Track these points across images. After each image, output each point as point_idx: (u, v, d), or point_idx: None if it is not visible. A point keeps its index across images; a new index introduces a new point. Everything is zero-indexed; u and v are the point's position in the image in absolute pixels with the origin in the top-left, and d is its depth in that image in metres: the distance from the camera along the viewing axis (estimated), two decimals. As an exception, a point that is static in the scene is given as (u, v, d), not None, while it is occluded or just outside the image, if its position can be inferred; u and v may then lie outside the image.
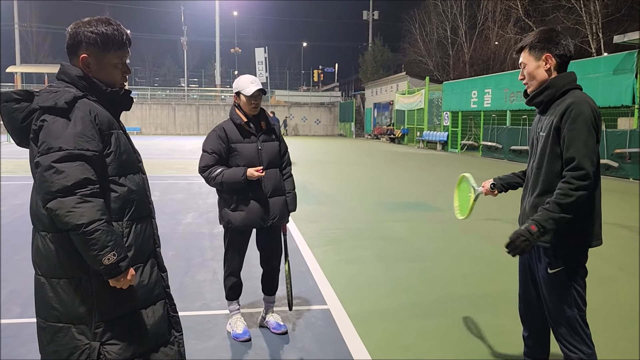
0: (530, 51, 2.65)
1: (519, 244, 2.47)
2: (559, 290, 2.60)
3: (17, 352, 3.51)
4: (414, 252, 6.47)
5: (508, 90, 21.95)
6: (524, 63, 2.69)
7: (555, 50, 2.61)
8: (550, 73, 2.63)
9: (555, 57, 2.61)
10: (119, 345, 2.07)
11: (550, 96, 2.62)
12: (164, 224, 7.53)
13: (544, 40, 2.62)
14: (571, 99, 2.52)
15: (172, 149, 26.01)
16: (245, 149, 3.70)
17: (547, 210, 2.46)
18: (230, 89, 47.75)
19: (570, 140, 2.46)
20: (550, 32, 2.67)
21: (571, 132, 2.46)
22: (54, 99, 1.97)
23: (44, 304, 2.08)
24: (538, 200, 2.61)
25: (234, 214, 3.71)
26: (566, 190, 2.43)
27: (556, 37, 2.64)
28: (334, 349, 3.68)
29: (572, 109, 2.47)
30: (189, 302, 4.51)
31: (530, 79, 2.68)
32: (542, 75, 2.64)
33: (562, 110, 2.50)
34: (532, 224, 2.46)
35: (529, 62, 2.67)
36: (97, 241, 1.89)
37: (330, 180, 13.87)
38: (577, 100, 2.49)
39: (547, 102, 2.63)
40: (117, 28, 2.13)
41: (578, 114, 2.46)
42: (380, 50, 52.11)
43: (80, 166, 1.91)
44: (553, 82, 2.61)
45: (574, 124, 2.46)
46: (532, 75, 2.67)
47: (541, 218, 2.45)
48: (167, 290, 2.35)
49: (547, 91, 2.62)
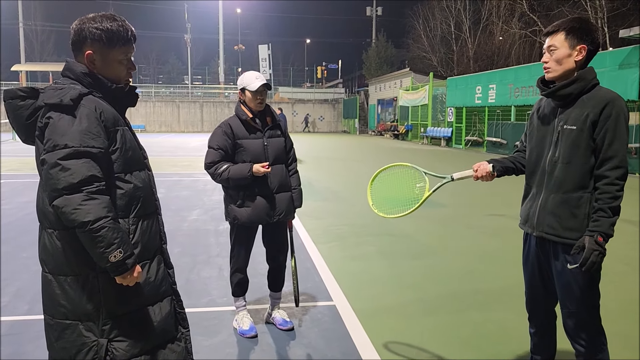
0: (567, 36, 2.52)
1: (595, 259, 2.40)
2: (577, 286, 2.56)
3: (24, 349, 3.53)
4: (419, 248, 6.46)
5: (513, 86, 21.87)
6: (555, 47, 2.55)
7: (590, 44, 2.53)
8: (577, 65, 2.54)
9: (588, 51, 2.53)
10: (127, 342, 2.07)
11: (580, 89, 2.53)
12: (169, 221, 7.55)
13: (583, 29, 2.52)
14: (607, 94, 2.48)
15: (177, 147, 26.05)
16: (251, 145, 3.69)
17: (604, 218, 2.42)
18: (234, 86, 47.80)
19: (613, 137, 2.43)
20: (589, 22, 2.59)
21: (614, 129, 2.42)
22: (59, 96, 1.96)
23: (51, 301, 2.08)
24: (569, 197, 2.54)
25: (240, 210, 3.71)
26: (614, 192, 2.42)
27: (595, 30, 2.57)
28: (341, 345, 3.68)
29: (614, 106, 2.43)
30: (195, 299, 4.52)
31: (556, 65, 2.56)
32: (570, 65, 2.54)
33: (602, 106, 2.44)
34: (598, 236, 2.41)
35: (561, 47, 2.53)
36: (103, 238, 1.89)
37: (335, 177, 13.87)
38: (616, 97, 2.46)
39: (577, 95, 2.55)
40: (122, 24, 2.12)
41: (620, 111, 2.43)
42: (384, 46, 51.97)
43: (86, 163, 1.91)
44: (583, 76, 2.53)
45: (616, 121, 2.42)
46: (560, 62, 2.55)
47: (603, 227, 2.42)
48: (174, 286, 2.35)
49: (577, 84, 2.53)
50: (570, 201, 2.53)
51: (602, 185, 2.45)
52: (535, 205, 2.71)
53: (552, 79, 2.61)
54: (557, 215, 2.58)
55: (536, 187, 2.72)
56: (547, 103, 2.73)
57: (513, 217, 8.01)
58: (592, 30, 2.54)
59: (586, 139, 2.49)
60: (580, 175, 2.51)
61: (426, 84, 31.49)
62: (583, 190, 2.51)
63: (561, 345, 2.94)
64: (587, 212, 2.50)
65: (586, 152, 2.50)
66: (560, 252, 2.60)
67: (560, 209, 2.57)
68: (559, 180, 2.58)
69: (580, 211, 2.52)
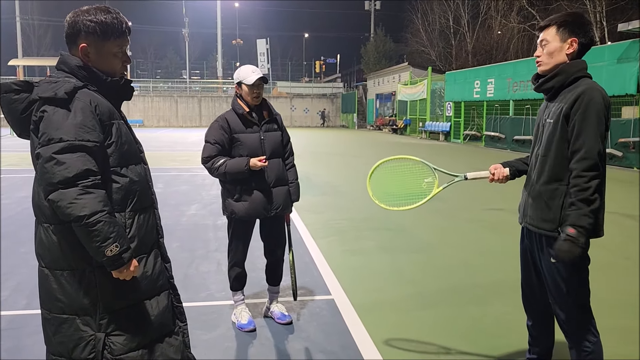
0: (558, 30, 2.56)
1: (565, 250, 2.41)
2: (563, 280, 2.58)
3: (23, 343, 3.53)
4: (418, 242, 6.46)
5: (511, 80, 21.85)
6: (547, 40, 2.59)
7: (582, 37, 2.55)
8: (569, 58, 2.56)
9: (580, 44, 2.55)
10: (124, 336, 2.07)
11: (561, 82, 2.56)
12: (168, 216, 7.55)
13: (575, 23, 2.55)
14: (582, 87, 2.48)
15: (175, 141, 26.01)
16: (248, 139, 3.68)
17: (575, 210, 2.42)
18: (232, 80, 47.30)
19: (580, 129, 2.43)
20: (581, 17, 2.61)
21: (581, 122, 2.43)
22: (53, 90, 1.95)
23: (48, 295, 2.08)
24: (544, 189, 2.58)
25: (237, 204, 3.71)
26: (581, 185, 2.41)
27: (587, 24, 2.59)
28: (339, 339, 3.68)
29: (584, 98, 2.43)
30: (193, 293, 4.52)
31: (548, 58, 2.59)
32: (561, 58, 2.57)
33: (574, 98, 2.46)
34: (568, 228, 2.42)
35: (552, 41, 2.57)
36: (99, 233, 1.89)
37: (334, 171, 13.86)
38: (589, 89, 2.45)
39: (557, 88, 2.58)
40: (117, 16, 2.11)
41: (589, 103, 2.42)
42: (383, 40, 51.86)
43: (81, 157, 1.90)
44: (564, 69, 2.55)
45: (585, 113, 2.42)
46: (551, 55, 2.58)
47: (574, 218, 2.42)
48: (171, 280, 2.35)
49: (558, 77, 2.56)
50: (546, 193, 2.57)
51: (572, 178, 2.47)
52: (523, 197, 2.78)
53: (543, 72, 2.64)
54: (534, 207, 2.64)
55: (527, 180, 2.79)
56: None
57: (512, 211, 8.00)
58: (584, 24, 2.57)
59: (559, 132, 2.51)
60: (555, 167, 2.54)
61: (425, 79, 31.45)
62: (558, 183, 2.53)
63: (559, 338, 2.94)
64: (561, 203, 2.52)
65: (560, 145, 2.52)
66: (544, 245, 2.63)
67: (537, 200, 2.62)
68: (539, 173, 2.63)
69: (554, 203, 2.54)
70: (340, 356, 3.43)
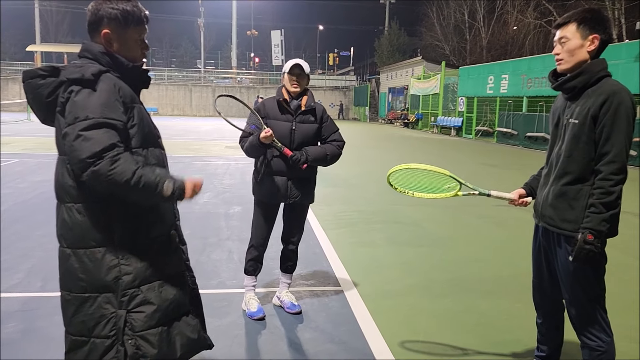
0: (579, 27, 2.50)
1: (584, 256, 2.43)
2: (580, 278, 2.57)
3: (38, 325, 3.61)
4: (428, 236, 6.48)
5: (525, 77, 21.69)
6: (567, 38, 2.52)
7: (602, 34, 2.50)
8: (590, 55, 2.52)
9: (601, 41, 2.50)
10: (145, 313, 2.12)
11: (584, 82, 2.51)
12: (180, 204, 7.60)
13: (595, 19, 2.49)
14: (609, 87, 2.44)
15: (189, 130, 26.11)
16: (278, 126, 3.71)
17: (595, 214, 2.41)
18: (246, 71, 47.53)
19: (610, 132, 2.41)
20: (601, 13, 2.56)
21: (612, 125, 2.40)
22: (80, 71, 2.02)
23: (69, 275, 2.13)
24: (568, 189, 2.55)
25: (256, 186, 3.82)
26: (607, 188, 2.40)
27: (606, 20, 2.54)
28: (348, 329, 3.72)
29: (613, 100, 2.40)
30: (204, 280, 4.56)
31: (569, 56, 2.53)
32: (582, 56, 2.52)
33: (602, 100, 2.42)
34: (587, 234, 2.41)
35: (573, 38, 2.51)
36: (148, 184, 1.96)
37: (345, 164, 13.83)
38: (617, 90, 2.42)
39: (580, 88, 2.52)
40: (136, 5, 2.19)
41: (619, 106, 2.39)
42: (397, 34, 51.62)
43: (107, 132, 1.96)
44: (588, 68, 2.50)
45: (614, 115, 2.39)
46: (572, 53, 2.52)
47: (593, 224, 2.41)
48: (187, 262, 2.42)
49: (581, 77, 2.50)
50: (569, 193, 2.54)
51: (597, 180, 2.45)
52: (541, 196, 2.74)
53: (564, 70, 2.58)
54: (556, 207, 2.60)
55: (544, 179, 2.76)
56: (561, 97, 2.72)
57: (522, 208, 7.96)
58: (604, 20, 2.53)
59: (587, 133, 2.47)
60: (580, 168, 2.51)
61: (438, 73, 31.29)
62: (582, 183, 2.51)
63: (568, 337, 2.96)
64: (585, 204, 2.50)
65: (587, 146, 2.49)
66: (562, 242, 2.61)
67: (558, 200, 2.59)
68: (560, 173, 2.59)
69: (578, 203, 2.52)
70: (348, 346, 3.48)
